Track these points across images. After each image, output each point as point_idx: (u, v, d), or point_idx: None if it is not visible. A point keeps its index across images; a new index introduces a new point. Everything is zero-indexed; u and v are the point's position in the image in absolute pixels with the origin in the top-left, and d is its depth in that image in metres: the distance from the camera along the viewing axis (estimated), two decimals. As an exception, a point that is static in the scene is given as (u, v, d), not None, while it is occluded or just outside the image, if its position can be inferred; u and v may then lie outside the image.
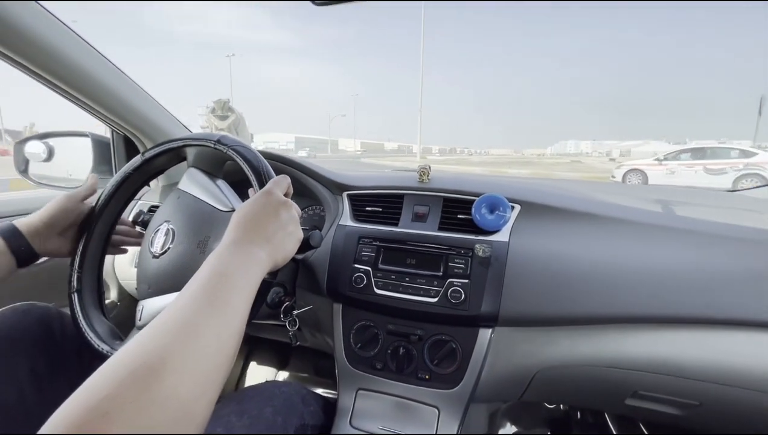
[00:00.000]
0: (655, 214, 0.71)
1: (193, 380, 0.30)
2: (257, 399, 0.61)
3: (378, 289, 0.69)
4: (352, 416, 0.72)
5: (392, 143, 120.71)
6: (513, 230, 0.68)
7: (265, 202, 0.48)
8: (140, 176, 0.67)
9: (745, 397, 0.60)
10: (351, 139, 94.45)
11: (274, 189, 0.50)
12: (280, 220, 0.47)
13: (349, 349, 0.73)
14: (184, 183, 0.64)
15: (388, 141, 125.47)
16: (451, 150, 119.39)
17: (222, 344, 0.34)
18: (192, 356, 0.31)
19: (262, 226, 0.45)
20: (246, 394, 0.62)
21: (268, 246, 0.44)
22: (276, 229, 0.46)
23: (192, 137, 0.63)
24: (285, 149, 66.68)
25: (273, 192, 0.49)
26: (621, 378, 0.64)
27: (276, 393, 0.63)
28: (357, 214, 0.77)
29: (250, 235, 0.44)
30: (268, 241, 0.45)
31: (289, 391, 0.64)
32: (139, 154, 0.66)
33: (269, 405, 0.60)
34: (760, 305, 0.56)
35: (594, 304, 0.62)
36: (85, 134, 1.03)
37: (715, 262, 0.60)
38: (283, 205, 0.49)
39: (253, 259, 0.42)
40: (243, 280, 0.39)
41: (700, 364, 0.59)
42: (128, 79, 0.90)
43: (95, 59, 0.81)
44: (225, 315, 0.35)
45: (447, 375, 0.67)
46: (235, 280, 0.38)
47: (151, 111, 0.97)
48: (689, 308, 0.58)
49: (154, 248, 0.60)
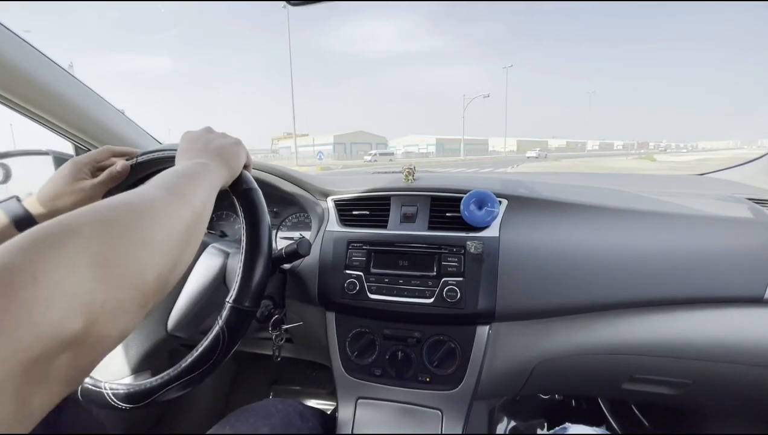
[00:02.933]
0: (638, 200, 0.73)
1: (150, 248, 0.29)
2: (253, 419, 0.58)
3: (372, 293, 0.67)
4: (354, 427, 0.70)
5: (558, 140, 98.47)
6: (502, 225, 0.68)
7: (188, 135, 0.51)
8: None
9: (734, 371, 0.62)
10: (502, 138, 75.77)
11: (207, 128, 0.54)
12: (211, 136, 0.50)
13: (345, 357, 0.71)
14: None
15: (552, 138, 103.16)
16: (642, 144, 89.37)
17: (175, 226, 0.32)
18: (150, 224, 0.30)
19: (198, 143, 0.49)
20: (242, 415, 0.60)
21: (218, 158, 0.47)
22: (211, 142, 0.49)
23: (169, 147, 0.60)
24: (425, 152, 62.31)
25: (206, 127, 0.53)
26: (617, 363, 0.66)
27: (272, 411, 0.60)
28: (344, 219, 0.76)
29: (191, 153, 0.47)
30: (209, 152, 0.47)
31: (286, 409, 0.62)
32: None
33: (266, 425, 0.57)
34: (745, 281, 0.58)
35: (587, 292, 0.62)
36: (46, 152, 0.96)
37: (699, 243, 0.62)
38: (205, 129, 0.52)
39: (203, 167, 0.43)
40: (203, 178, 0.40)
41: (692, 343, 0.61)
42: (90, 91, 0.84)
43: (52, 71, 0.76)
44: (184, 198, 0.35)
45: (448, 376, 0.66)
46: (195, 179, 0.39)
47: (116, 123, 0.92)
48: (678, 289, 0.60)
49: None
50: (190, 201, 0.36)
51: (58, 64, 0.77)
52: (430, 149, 66.73)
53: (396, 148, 67.96)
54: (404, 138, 77.81)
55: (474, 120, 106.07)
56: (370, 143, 65.05)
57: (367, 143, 64.70)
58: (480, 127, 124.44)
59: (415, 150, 66.51)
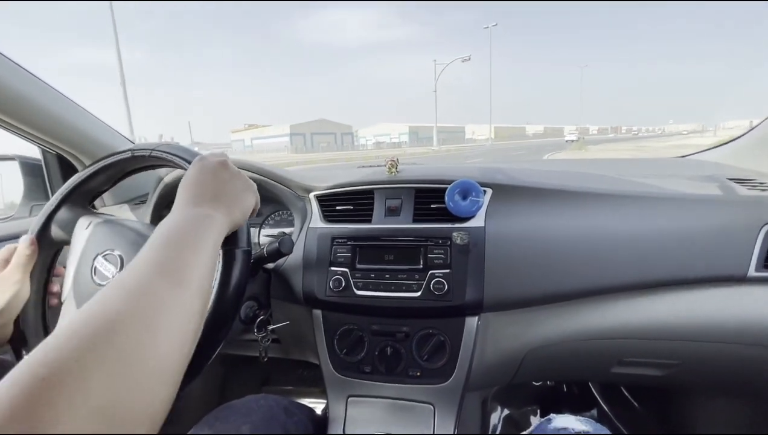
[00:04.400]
0: (620, 183, 0.73)
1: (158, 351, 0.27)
2: (233, 417, 0.56)
3: (358, 290, 0.66)
4: (345, 425, 0.69)
5: (535, 126, 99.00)
6: (487, 214, 0.67)
7: (200, 166, 0.45)
8: None
9: (720, 350, 0.62)
10: (479, 125, 75.31)
11: (206, 156, 0.48)
12: (222, 177, 0.45)
13: (334, 355, 0.69)
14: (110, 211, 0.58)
15: (528, 124, 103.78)
16: (615, 129, 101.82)
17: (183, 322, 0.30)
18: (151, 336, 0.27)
19: (206, 186, 0.43)
20: (220, 414, 0.58)
21: (220, 205, 0.42)
22: (221, 186, 0.44)
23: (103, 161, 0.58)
24: (398, 142, 56.18)
25: (205, 157, 0.47)
26: (606, 348, 0.66)
27: (254, 408, 0.59)
28: (327, 214, 0.74)
29: (197, 199, 0.41)
30: (217, 198, 0.42)
31: (268, 404, 0.60)
32: None
33: (246, 422, 0.56)
34: (728, 261, 0.59)
35: (573, 279, 0.62)
36: (12, 158, 0.92)
37: (682, 225, 0.62)
38: (219, 164, 0.46)
39: (208, 222, 0.39)
40: (201, 247, 0.36)
41: (679, 324, 0.61)
42: (54, 91, 0.80)
43: (12, 71, 0.72)
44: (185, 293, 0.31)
45: (438, 369, 0.66)
46: (192, 249, 0.35)
47: (85, 124, 0.87)
48: (664, 271, 0.60)
49: (101, 278, 0.53)
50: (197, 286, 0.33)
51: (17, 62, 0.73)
52: (402, 138, 62.79)
53: (366, 139, 64.73)
54: (374, 127, 73.25)
55: (449, 107, 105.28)
56: (333, 133, 60.65)
57: (330, 133, 60.01)
58: (455, 114, 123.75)
59: (387, 140, 62.20)
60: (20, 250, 0.54)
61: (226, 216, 0.42)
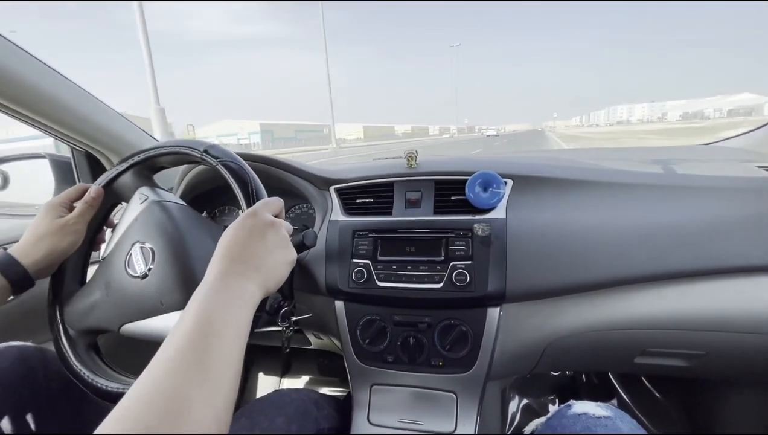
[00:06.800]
0: (645, 174, 0.72)
1: None
2: (267, 410, 0.58)
3: (380, 281, 0.67)
4: (370, 413, 0.70)
5: (404, 126, 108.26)
6: (509, 206, 0.67)
7: (251, 225, 0.44)
8: None
9: (748, 341, 0.61)
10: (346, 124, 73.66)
11: (261, 210, 0.46)
12: (268, 244, 0.44)
13: (357, 345, 0.71)
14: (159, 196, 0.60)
15: (398, 124, 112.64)
16: (470, 129, 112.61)
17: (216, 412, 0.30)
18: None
19: (249, 253, 0.42)
20: (255, 406, 0.60)
21: (258, 276, 0.41)
22: (264, 254, 0.43)
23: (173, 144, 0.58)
24: (247, 143, 47.65)
25: (259, 213, 0.45)
26: (630, 339, 0.65)
27: (287, 401, 0.61)
28: (348, 207, 0.75)
29: (236, 266, 0.40)
30: (257, 269, 0.41)
31: (300, 398, 0.62)
32: None
33: (281, 414, 0.58)
34: (758, 250, 0.58)
35: (596, 269, 0.62)
36: (42, 156, 0.95)
37: (710, 214, 0.61)
38: (270, 226, 0.45)
39: (242, 295, 0.38)
40: (232, 327, 0.35)
41: (706, 314, 0.60)
42: (82, 91, 0.82)
43: (42, 72, 0.74)
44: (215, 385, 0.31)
45: (460, 359, 0.67)
46: (224, 329, 0.34)
47: (112, 123, 0.90)
48: (692, 262, 0.59)
49: (132, 270, 0.56)
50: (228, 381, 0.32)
51: (48, 65, 0.75)
52: (253, 138, 54.08)
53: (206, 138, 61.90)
54: (216, 124, 64.26)
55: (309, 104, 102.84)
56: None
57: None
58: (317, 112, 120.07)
59: (234, 140, 52.74)
60: (87, 197, 0.58)
61: (261, 287, 0.41)
